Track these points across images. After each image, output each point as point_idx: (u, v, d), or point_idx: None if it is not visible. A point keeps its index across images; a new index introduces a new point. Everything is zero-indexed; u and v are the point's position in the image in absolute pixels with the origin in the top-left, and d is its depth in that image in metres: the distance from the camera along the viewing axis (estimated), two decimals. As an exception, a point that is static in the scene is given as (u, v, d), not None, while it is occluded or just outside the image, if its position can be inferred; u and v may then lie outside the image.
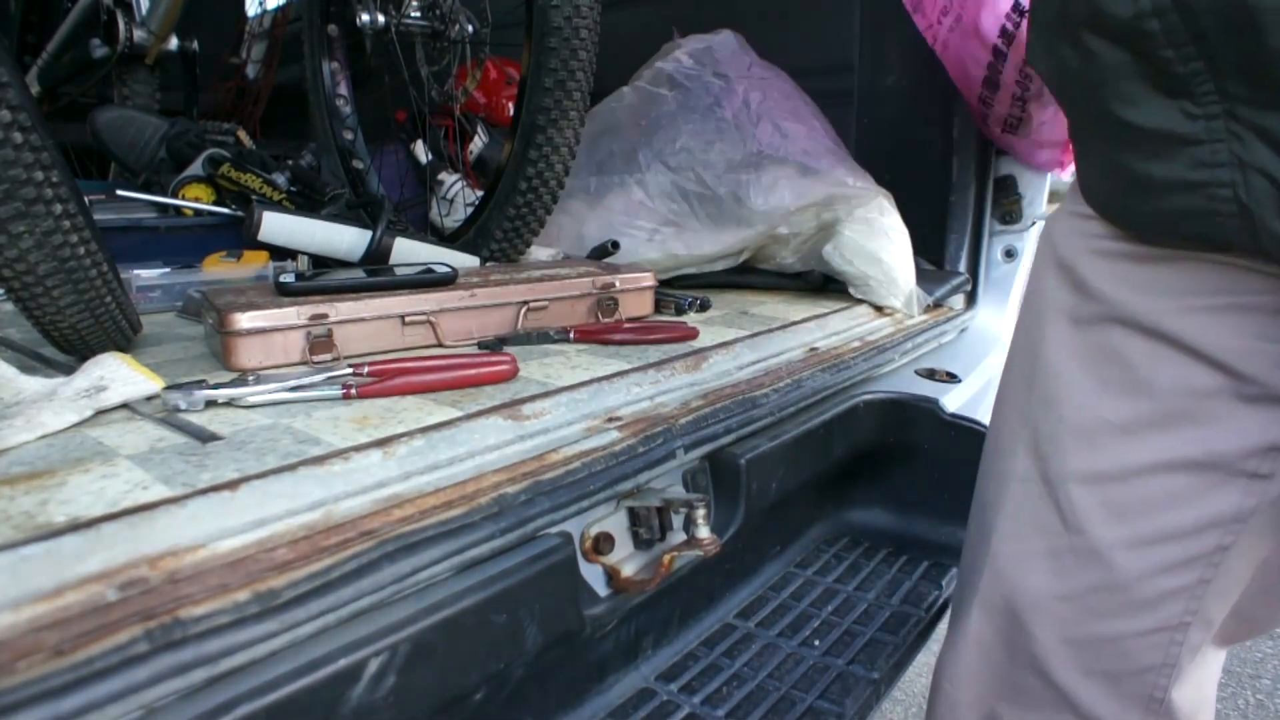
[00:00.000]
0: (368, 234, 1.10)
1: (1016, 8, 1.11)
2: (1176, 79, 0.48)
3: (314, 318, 0.77)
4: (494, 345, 0.84)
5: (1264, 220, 0.46)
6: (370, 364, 0.70)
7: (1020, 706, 0.67)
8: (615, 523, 0.66)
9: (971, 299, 1.32)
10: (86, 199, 0.71)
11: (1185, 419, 0.56)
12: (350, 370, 0.70)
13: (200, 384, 0.66)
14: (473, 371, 0.71)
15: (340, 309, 0.79)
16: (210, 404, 0.65)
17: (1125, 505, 0.59)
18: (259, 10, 2.29)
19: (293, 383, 0.67)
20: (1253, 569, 0.61)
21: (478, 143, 1.62)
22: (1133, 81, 0.51)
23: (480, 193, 1.35)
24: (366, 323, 0.81)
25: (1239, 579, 0.60)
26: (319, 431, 0.59)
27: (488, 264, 1.15)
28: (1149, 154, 0.51)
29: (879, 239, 1.10)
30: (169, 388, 0.64)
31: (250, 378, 0.67)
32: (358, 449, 0.56)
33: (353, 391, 0.67)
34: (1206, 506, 0.57)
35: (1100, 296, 0.60)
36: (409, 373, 0.70)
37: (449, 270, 0.89)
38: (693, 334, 0.90)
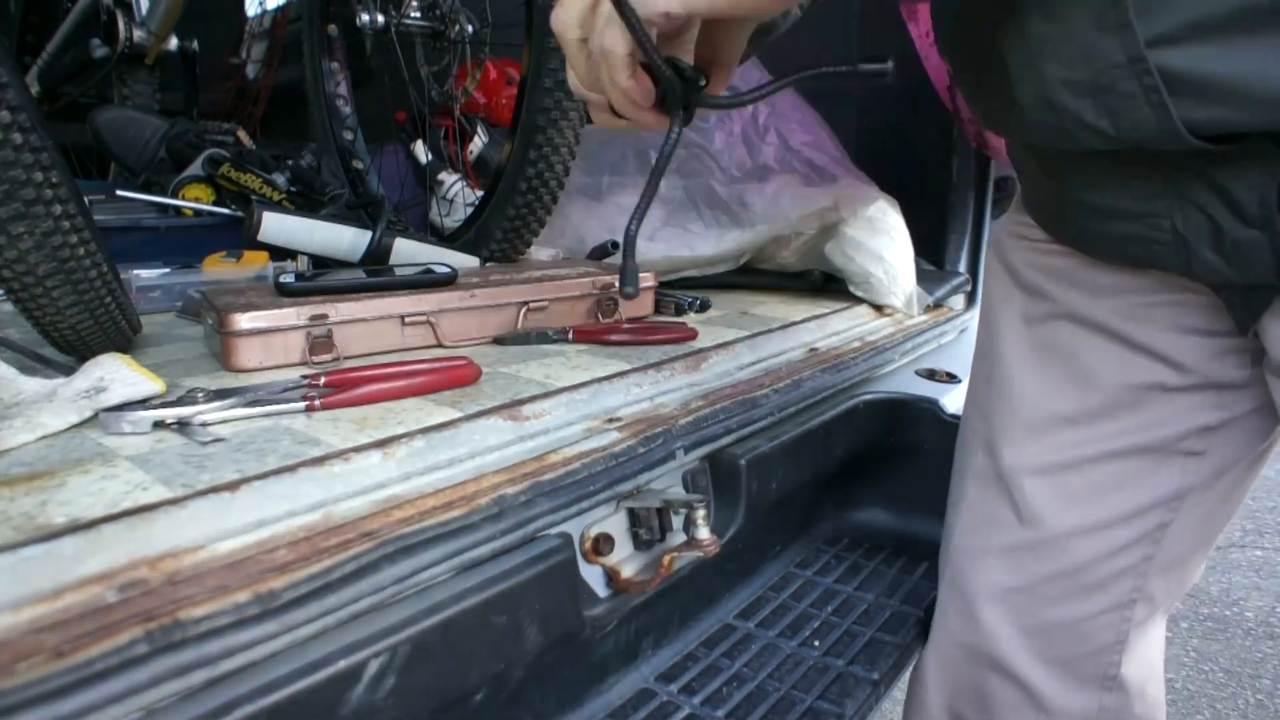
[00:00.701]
0: (368, 234, 1.10)
1: None
2: None
3: (314, 318, 0.77)
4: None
5: (1198, 250, 0.49)
6: (328, 374, 0.67)
7: (981, 704, 0.70)
8: (615, 523, 0.66)
9: (971, 299, 1.32)
10: (86, 199, 0.71)
11: (1129, 408, 0.60)
12: (307, 383, 0.67)
13: (144, 403, 0.60)
14: (434, 377, 0.69)
15: (340, 309, 0.79)
16: (159, 425, 0.58)
17: (1077, 493, 0.62)
18: (259, 10, 2.29)
19: (250, 397, 0.62)
20: (1191, 543, 0.64)
21: (478, 143, 1.62)
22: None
23: (480, 193, 1.35)
24: (366, 323, 0.81)
25: (1178, 554, 0.64)
26: (319, 432, 0.59)
27: (488, 264, 1.15)
28: (1096, 185, 0.54)
29: (881, 237, 1.10)
30: (105, 410, 0.58)
31: (200, 394, 0.62)
32: (357, 450, 0.55)
33: (316, 404, 0.63)
34: (1151, 488, 0.61)
35: (1046, 296, 0.63)
36: (369, 380, 0.67)
37: (449, 270, 0.89)
38: (692, 334, 0.90)
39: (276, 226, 1.10)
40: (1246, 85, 0.41)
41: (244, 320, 0.74)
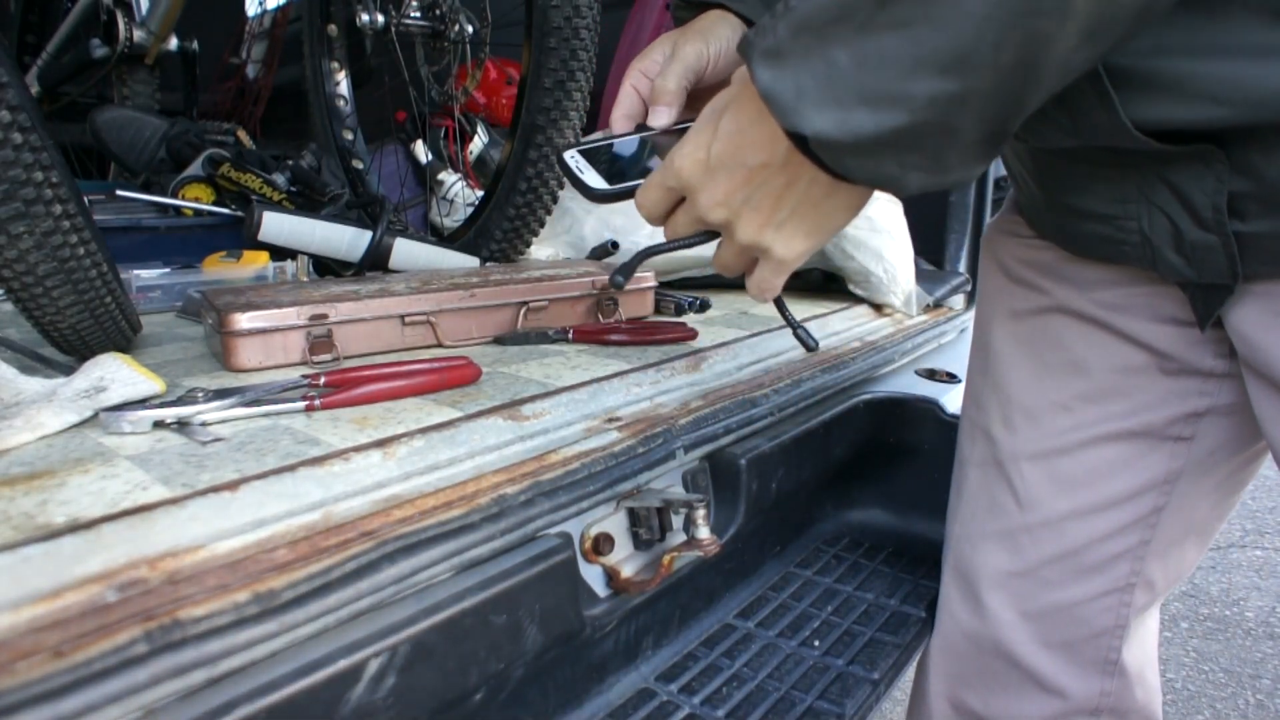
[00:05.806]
0: (367, 234, 1.10)
1: None
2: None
3: (314, 318, 0.77)
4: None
5: (1161, 251, 0.52)
6: (328, 374, 0.67)
7: (985, 689, 0.71)
8: (615, 523, 0.66)
9: (971, 299, 1.32)
10: (86, 199, 0.71)
11: (1117, 394, 0.62)
12: (307, 383, 0.66)
13: (144, 402, 0.60)
14: (434, 377, 0.69)
15: (340, 309, 0.79)
16: (159, 425, 0.58)
17: (1072, 477, 0.65)
18: (259, 10, 2.29)
19: (250, 397, 0.62)
20: (1185, 529, 0.65)
21: (478, 143, 1.63)
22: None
23: (480, 193, 1.35)
24: (366, 323, 0.81)
25: (1173, 539, 0.65)
26: (319, 432, 0.59)
27: (487, 264, 1.15)
28: (1075, 189, 0.57)
29: (881, 236, 1.10)
30: (105, 410, 0.58)
31: (200, 394, 0.62)
32: (357, 449, 0.55)
33: (316, 404, 0.63)
34: (1142, 471, 0.63)
35: (1035, 288, 0.66)
36: (369, 380, 0.66)
37: None
38: (692, 335, 0.90)
39: (276, 226, 1.10)
40: (1186, 81, 0.43)
41: (244, 320, 0.74)
